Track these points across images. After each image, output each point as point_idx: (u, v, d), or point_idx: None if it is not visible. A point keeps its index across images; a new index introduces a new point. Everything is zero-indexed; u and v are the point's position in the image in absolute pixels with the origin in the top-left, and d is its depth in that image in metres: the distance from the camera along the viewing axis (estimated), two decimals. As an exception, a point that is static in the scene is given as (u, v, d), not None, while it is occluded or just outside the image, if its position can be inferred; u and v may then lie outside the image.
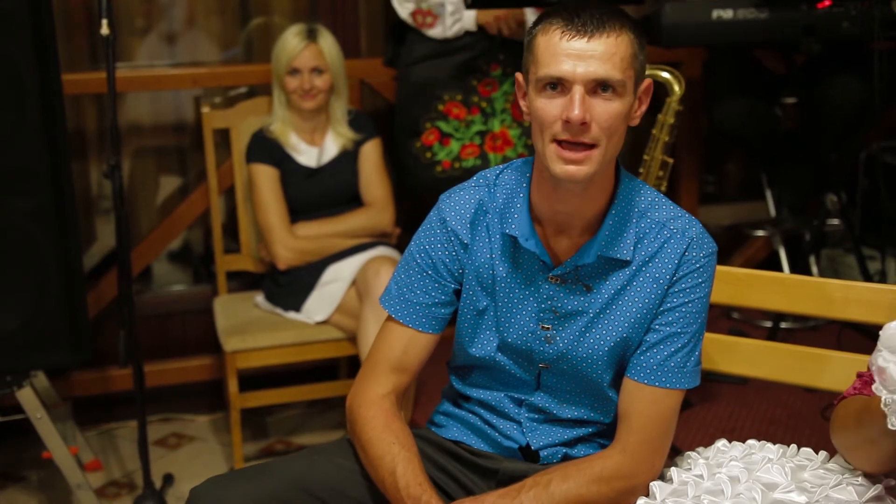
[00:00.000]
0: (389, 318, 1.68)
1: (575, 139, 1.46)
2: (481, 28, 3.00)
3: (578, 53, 1.44)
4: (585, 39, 1.44)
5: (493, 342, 1.65)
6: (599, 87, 1.46)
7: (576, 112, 1.43)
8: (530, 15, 3.03)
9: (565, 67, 1.44)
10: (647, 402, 1.58)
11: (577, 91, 1.44)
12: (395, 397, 1.67)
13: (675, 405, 1.60)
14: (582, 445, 1.69)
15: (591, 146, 1.47)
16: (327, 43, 2.92)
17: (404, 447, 1.58)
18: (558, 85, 1.46)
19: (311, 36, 2.90)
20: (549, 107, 1.47)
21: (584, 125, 1.45)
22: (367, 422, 1.62)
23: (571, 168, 1.47)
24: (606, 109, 1.46)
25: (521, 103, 1.57)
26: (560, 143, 1.47)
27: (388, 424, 1.61)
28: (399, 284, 1.68)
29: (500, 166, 1.67)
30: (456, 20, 2.97)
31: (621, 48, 1.46)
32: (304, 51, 2.88)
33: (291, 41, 2.89)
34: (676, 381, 1.58)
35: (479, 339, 1.66)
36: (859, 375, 1.55)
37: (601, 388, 1.64)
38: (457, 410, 1.75)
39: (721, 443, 1.60)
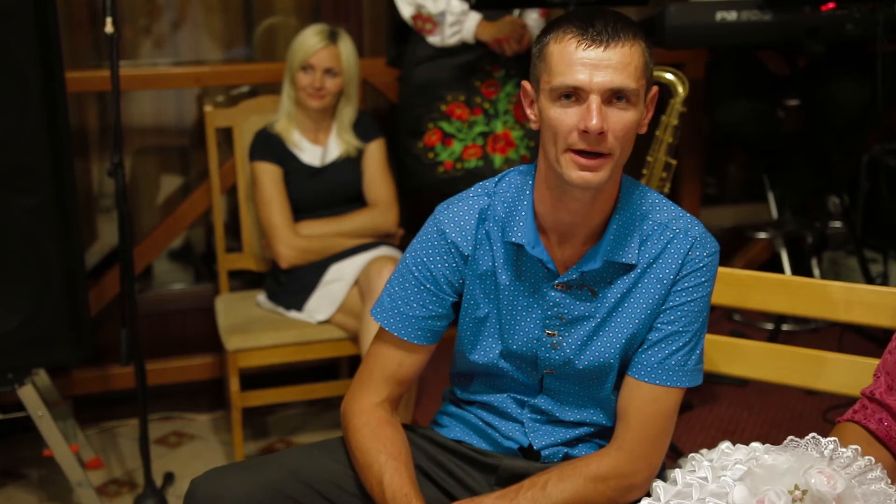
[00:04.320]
0: (383, 330, 1.66)
1: (592, 149, 1.46)
2: None
3: (594, 63, 1.44)
4: (601, 49, 1.44)
5: (495, 349, 1.65)
6: (615, 96, 1.45)
7: (594, 122, 1.43)
8: (535, 31, 3.03)
9: (581, 77, 1.44)
10: (645, 400, 1.58)
11: (594, 101, 1.44)
12: (390, 405, 1.67)
13: (675, 404, 1.60)
14: (583, 445, 1.69)
15: (606, 154, 1.47)
16: (346, 48, 2.92)
17: (392, 456, 1.58)
18: (573, 94, 1.46)
19: (333, 38, 2.91)
20: (564, 116, 1.46)
21: (601, 135, 1.44)
22: (358, 430, 1.63)
23: (587, 174, 1.47)
24: (621, 119, 1.46)
25: (528, 111, 1.56)
26: (576, 151, 1.47)
27: (377, 433, 1.61)
28: (392, 297, 1.66)
29: (497, 176, 1.66)
30: (455, 31, 2.97)
31: (635, 57, 1.46)
32: (322, 51, 2.89)
33: (311, 39, 2.90)
34: (677, 379, 1.58)
35: (481, 346, 1.66)
36: (863, 394, 1.56)
37: (605, 391, 1.64)
38: (459, 411, 1.76)
39: (725, 445, 1.60)
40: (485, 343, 1.66)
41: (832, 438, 1.39)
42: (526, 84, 1.56)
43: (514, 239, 1.58)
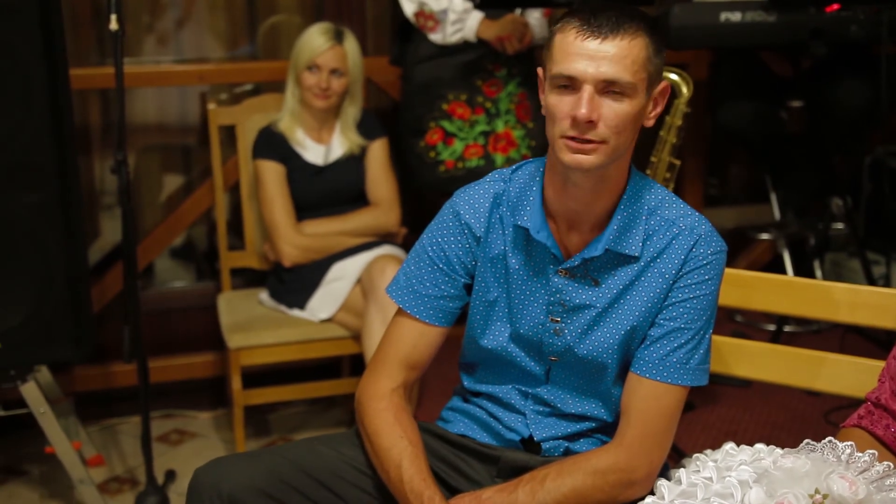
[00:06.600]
0: (399, 312, 1.71)
1: (582, 136, 1.49)
2: None
3: (591, 54, 1.48)
4: (599, 40, 1.48)
5: (505, 333, 1.68)
6: (609, 87, 1.49)
7: (582, 110, 1.47)
8: (537, 30, 3.02)
9: (577, 66, 1.48)
10: (647, 397, 1.59)
11: (587, 90, 1.48)
12: (404, 391, 1.70)
13: (677, 401, 1.61)
14: (584, 440, 1.71)
15: (599, 140, 1.50)
16: (352, 48, 2.93)
17: (411, 442, 1.62)
18: (570, 83, 1.49)
19: (338, 38, 2.91)
20: (560, 104, 1.51)
21: (590, 123, 1.48)
22: (378, 413, 1.65)
23: (580, 157, 1.50)
24: (614, 109, 1.49)
25: (541, 97, 1.59)
26: (569, 137, 1.50)
27: (398, 418, 1.65)
28: (408, 276, 1.70)
29: (517, 164, 1.70)
30: (457, 30, 2.97)
31: (634, 51, 1.49)
32: (329, 51, 2.88)
33: (318, 39, 2.90)
34: (678, 377, 1.59)
35: (491, 331, 1.69)
36: (868, 399, 1.56)
37: (606, 384, 1.66)
38: (464, 405, 1.78)
39: (729, 446, 1.60)
40: (494, 327, 1.68)
41: (849, 443, 1.39)
42: (540, 71, 1.60)
43: (520, 222, 1.62)
